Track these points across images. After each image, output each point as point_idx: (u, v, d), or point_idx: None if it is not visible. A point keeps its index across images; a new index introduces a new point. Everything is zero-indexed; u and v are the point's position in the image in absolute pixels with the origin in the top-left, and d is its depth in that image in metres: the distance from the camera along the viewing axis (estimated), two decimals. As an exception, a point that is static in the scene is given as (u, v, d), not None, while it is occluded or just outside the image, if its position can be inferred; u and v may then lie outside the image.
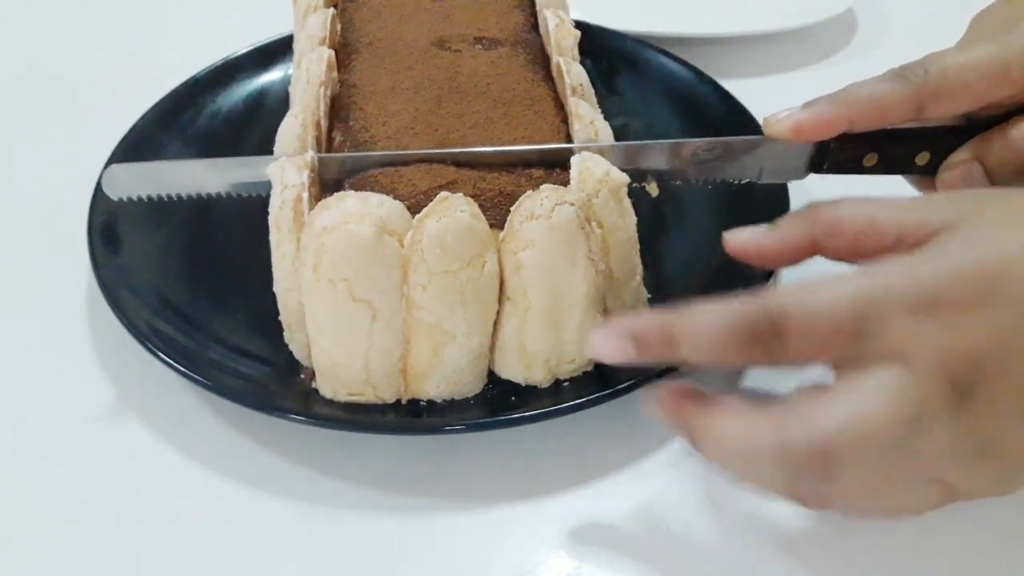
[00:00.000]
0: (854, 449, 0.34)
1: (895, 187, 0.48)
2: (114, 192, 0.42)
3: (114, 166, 0.42)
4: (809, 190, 0.47)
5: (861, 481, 0.35)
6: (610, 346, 0.38)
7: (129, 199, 0.41)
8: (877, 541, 0.42)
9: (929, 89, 0.44)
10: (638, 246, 0.46)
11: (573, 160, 0.45)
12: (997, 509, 0.42)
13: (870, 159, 0.46)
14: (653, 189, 0.48)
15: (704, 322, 0.36)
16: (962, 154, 0.45)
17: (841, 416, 0.34)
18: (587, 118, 0.48)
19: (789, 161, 0.46)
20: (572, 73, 0.51)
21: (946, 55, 0.45)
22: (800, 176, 0.47)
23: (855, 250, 0.39)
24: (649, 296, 0.48)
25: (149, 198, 0.41)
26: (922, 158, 0.46)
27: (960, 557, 0.41)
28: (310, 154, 0.46)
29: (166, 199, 0.41)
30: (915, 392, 0.34)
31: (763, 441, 0.35)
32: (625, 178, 0.44)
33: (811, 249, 0.40)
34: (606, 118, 0.51)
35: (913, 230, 0.37)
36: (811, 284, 0.36)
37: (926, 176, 0.47)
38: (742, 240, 0.41)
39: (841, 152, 0.45)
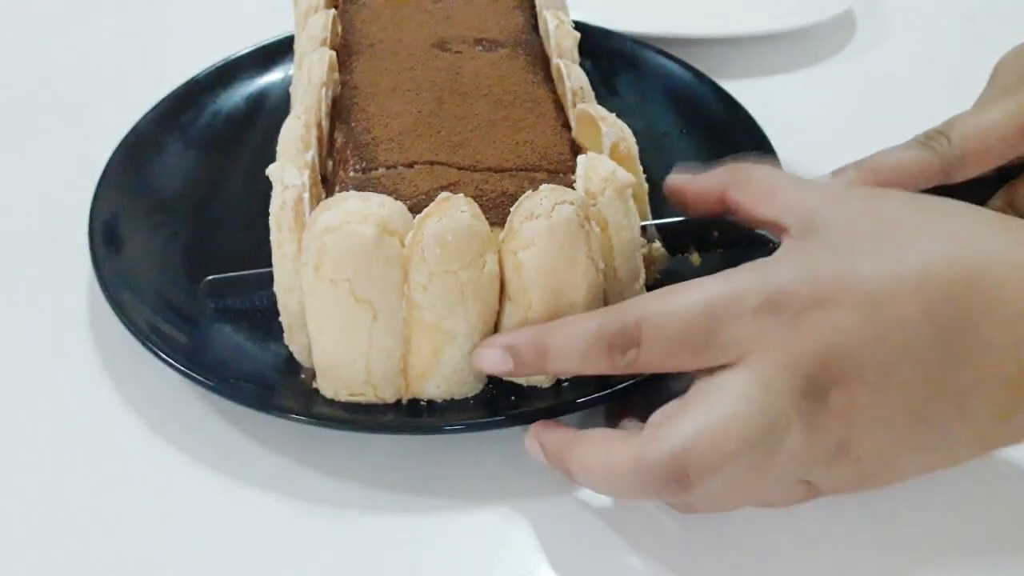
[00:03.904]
0: (705, 460, 0.35)
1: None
2: (213, 301, 0.48)
3: (211, 278, 0.48)
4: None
5: (721, 486, 0.36)
6: (490, 359, 0.41)
7: (224, 306, 0.48)
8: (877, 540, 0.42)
9: (954, 157, 0.45)
10: (641, 248, 0.46)
11: (580, 159, 0.45)
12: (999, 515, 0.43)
13: None
14: (695, 259, 0.50)
15: (569, 334, 0.39)
16: (995, 201, 0.47)
17: (689, 430, 0.35)
18: (609, 118, 0.48)
19: None
20: (572, 76, 0.51)
21: (966, 120, 0.46)
22: None
23: (754, 210, 0.42)
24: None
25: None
26: None
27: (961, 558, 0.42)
28: (310, 154, 0.46)
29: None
30: (762, 396, 0.35)
31: (622, 462, 0.36)
32: (630, 177, 0.44)
33: (723, 198, 0.43)
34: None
35: (796, 213, 0.39)
36: (668, 290, 0.38)
37: None
38: (676, 181, 0.45)
39: None
